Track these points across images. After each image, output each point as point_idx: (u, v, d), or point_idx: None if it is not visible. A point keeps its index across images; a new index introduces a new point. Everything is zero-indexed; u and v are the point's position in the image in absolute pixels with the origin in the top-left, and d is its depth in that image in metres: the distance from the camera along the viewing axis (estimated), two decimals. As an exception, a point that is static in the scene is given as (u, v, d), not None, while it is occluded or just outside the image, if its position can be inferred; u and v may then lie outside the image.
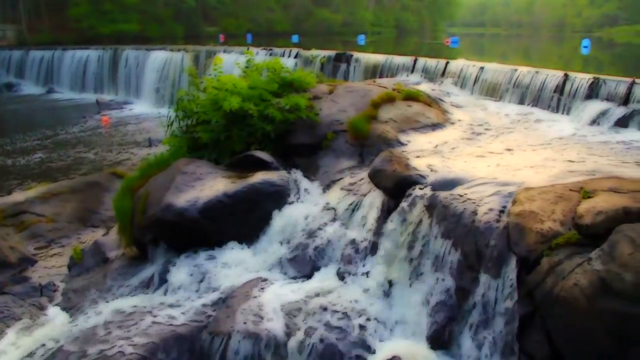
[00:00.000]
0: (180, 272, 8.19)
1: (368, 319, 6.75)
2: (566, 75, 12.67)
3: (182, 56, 29.23)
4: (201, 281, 8.00)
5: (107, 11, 46.61)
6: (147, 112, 28.57)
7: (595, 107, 11.48)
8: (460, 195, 6.85)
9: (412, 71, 17.26)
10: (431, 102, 12.07)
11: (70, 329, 7.44)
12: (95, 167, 18.21)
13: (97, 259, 9.65)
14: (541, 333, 5.51)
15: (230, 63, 12.64)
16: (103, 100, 30.55)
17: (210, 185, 8.75)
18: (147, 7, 49.84)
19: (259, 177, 8.92)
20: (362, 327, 6.64)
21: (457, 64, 15.90)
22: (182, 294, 7.86)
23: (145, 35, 46.44)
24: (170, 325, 7.07)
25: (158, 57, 30.43)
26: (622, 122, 10.72)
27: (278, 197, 8.80)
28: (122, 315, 7.46)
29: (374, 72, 18.92)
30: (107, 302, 8.09)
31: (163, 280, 8.24)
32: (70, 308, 8.28)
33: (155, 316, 7.29)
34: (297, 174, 9.55)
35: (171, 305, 7.55)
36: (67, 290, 8.98)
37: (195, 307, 7.43)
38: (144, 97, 30.68)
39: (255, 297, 7.24)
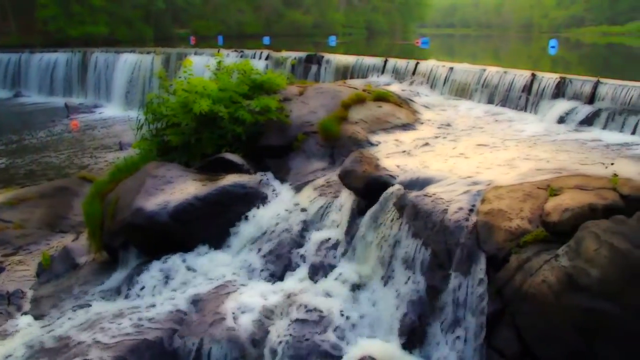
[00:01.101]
0: (151, 277, 8.12)
1: (340, 319, 6.75)
2: (533, 75, 12.86)
3: (152, 59, 28.94)
4: (172, 285, 7.93)
5: (75, 13, 45.90)
6: (117, 115, 28.19)
7: (562, 106, 11.68)
8: (430, 195, 6.91)
9: (383, 72, 17.36)
10: (401, 102, 12.14)
11: (39, 337, 7.30)
12: (64, 172, 17.93)
13: (67, 265, 9.52)
14: (511, 330, 5.58)
15: (201, 65, 12.54)
16: (72, 104, 30.07)
17: (181, 189, 8.69)
18: (116, 9, 49.19)
19: (230, 179, 8.89)
20: (334, 328, 6.63)
21: (427, 65, 16.03)
22: (153, 299, 7.78)
23: (115, 38, 45.89)
24: (142, 330, 6.98)
25: (128, 60, 30.09)
26: (588, 121, 10.95)
27: (249, 199, 8.77)
28: (92, 322, 7.35)
29: (345, 73, 18.97)
30: (76, 308, 7.97)
31: (134, 285, 8.15)
32: (39, 316, 8.13)
33: (126, 321, 7.20)
34: (268, 176, 9.53)
35: (142, 310, 7.45)
36: (35, 297, 8.82)
37: (167, 311, 7.35)
38: (114, 100, 30.30)
39: (226, 300, 7.21)
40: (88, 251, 9.56)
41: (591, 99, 11.38)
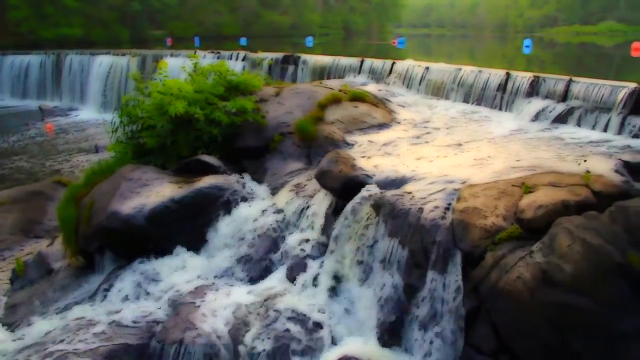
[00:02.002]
0: (128, 281, 8.05)
1: (318, 320, 6.77)
2: (508, 74, 12.98)
3: (127, 61, 28.68)
4: (149, 289, 7.87)
5: (48, 15, 45.25)
6: (93, 118, 27.86)
7: (536, 104, 11.80)
8: (406, 194, 6.95)
9: (359, 72, 17.39)
10: (377, 102, 12.19)
11: (13, 345, 7.19)
12: (38, 176, 17.68)
13: (42, 271, 9.39)
14: (488, 326, 5.63)
15: (178, 67, 12.48)
16: (47, 107, 29.63)
17: (157, 191, 8.63)
18: (91, 11, 48.62)
19: (206, 181, 8.84)
20: (312, 328, 6.65)
21: (403, 65, 16.10)
22: (130, 303, 7.71)
23: (90, 40, 45.34)
24: (119, 335, 6.92)
25: (103, 62, 29.75)
26: (561, 119, 11.08)
27: (226, 201, 8.72)
28: (68, 328, 7.26)
29: (322, 73, 18.97)
30: (52, 314, 7.87)
31: (110, 290, 8.06)
32: (13, 323, 8.02)
33: (102, 327, 7.12)
34: (245, 177, 9.50)
35: (119, 315, 7.37)
36: (9, 304, 8.70)
37: (144, 315, 7.30)
38: (89, 102, 29.94)
39: (204, 302, 7.18)
40: (63, 256, 9.44)
41: (564, 97, 11.51)
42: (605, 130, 10.29)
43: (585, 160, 7.85)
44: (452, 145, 9.58)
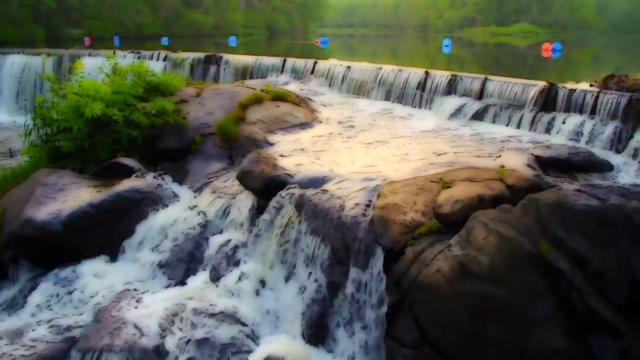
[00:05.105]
0: (46, 290, 7.73)
1: (244, 320, 6.74)
2: (427, 73, 13.29)
3: (42, 60, 27.54)
4: (69, 297, 7.60)
5: (-48, 12, 42.89)
6: (5, 121, 26.55)
7: (453, 102, 12.14)
8: (327, 192, 7.02)
9: (282, 72, 17.38)
10: (300, 101, 12.24)
11: None
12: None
13: (-50, 284, 8.89)
14: (409, 319, 5.75)
15: (95, 67, 12.10)
16: (-47, 110, 28.11)
17: (74, 196, 8.35)
18: (0, 8, 46.42)
19: (126, 184, 8.64)
20: (238, 329, 6.60)
21: (325, 64, 16.21)
22: (48, 313, 7.42)
23: (1, 39, 43.26)
24: (36, 347, 6.65)
25: (15, 62, 28.39)
26: (478, 116, 11.46)
27: (146, 204, 8.55)
28: (-19, 342, 6.91)
29: (244, 73, 18.82)
30: (-38, 330, 7.47)
31: (26, 300, 7.72)
32: None
33: (20, 339, 6.82)
34: (166, 180, 9.34)
35: (36, 326, 7.09)
36: None
37: (63, 324, 7.05)
38: (1, 105, 28.59)
39: (127, 308, 6.99)
40: (-26, 268, 8.98)
41: (480, 95, 11.91)
42: (518, 126, 10.72)
43: (499, 156, 8.17)
44: (372, 143, 9.74)
